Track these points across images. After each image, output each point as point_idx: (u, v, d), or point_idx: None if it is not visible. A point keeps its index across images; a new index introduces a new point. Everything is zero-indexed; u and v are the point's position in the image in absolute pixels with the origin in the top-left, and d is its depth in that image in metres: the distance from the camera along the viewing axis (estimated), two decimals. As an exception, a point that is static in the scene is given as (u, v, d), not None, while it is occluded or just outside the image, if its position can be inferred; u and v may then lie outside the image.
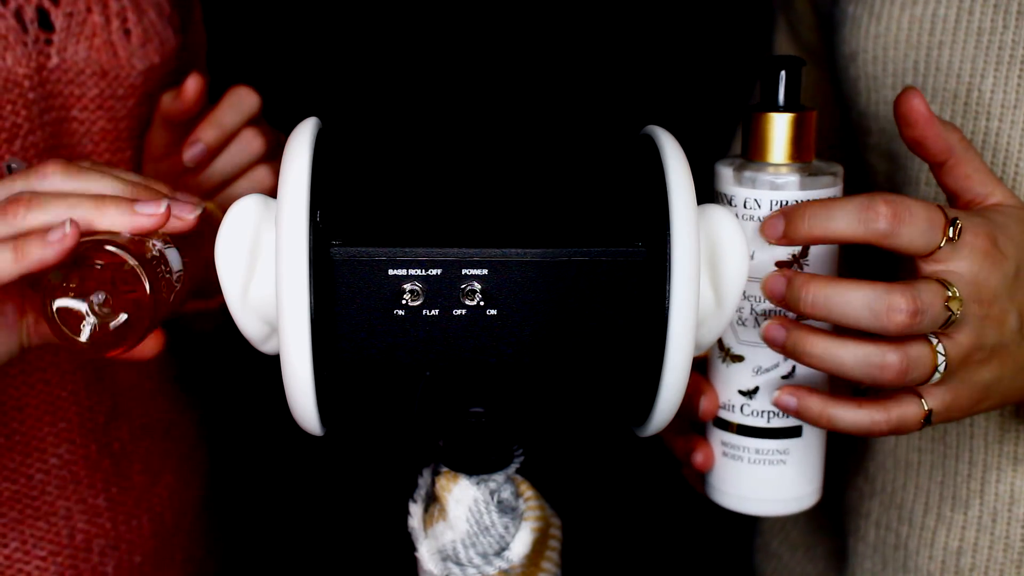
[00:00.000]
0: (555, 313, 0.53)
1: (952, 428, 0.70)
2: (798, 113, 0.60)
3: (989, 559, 0.69)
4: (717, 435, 0.64)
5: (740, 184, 0.60)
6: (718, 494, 0.65)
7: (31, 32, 0.69)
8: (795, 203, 0.58)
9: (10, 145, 0.69)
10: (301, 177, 0.50)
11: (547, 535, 0.57)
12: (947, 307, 0.54)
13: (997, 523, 0.69)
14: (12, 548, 0.74)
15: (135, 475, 0.80)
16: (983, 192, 0.59)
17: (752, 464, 0.63)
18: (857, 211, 0.54)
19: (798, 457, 0.63)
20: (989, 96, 0.65)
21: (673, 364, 0.52)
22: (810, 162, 0.60)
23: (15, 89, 0.69)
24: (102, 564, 0.78)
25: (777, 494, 0.64)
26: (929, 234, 0.54)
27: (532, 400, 0.55)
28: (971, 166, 0.58)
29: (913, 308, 0.53)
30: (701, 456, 0.64)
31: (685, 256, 0.51)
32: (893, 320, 0.53)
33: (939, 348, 0.55)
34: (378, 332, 0.52)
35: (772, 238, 0.57)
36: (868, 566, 0.75)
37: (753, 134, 0.60)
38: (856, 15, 0.70)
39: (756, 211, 0.59)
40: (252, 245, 0.52)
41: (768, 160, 0.60)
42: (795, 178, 0.59)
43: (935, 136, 0.58)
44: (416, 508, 0.57)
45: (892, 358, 0.55)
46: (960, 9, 0.66)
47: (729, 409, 0.63)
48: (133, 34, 0.73)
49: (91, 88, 0.72)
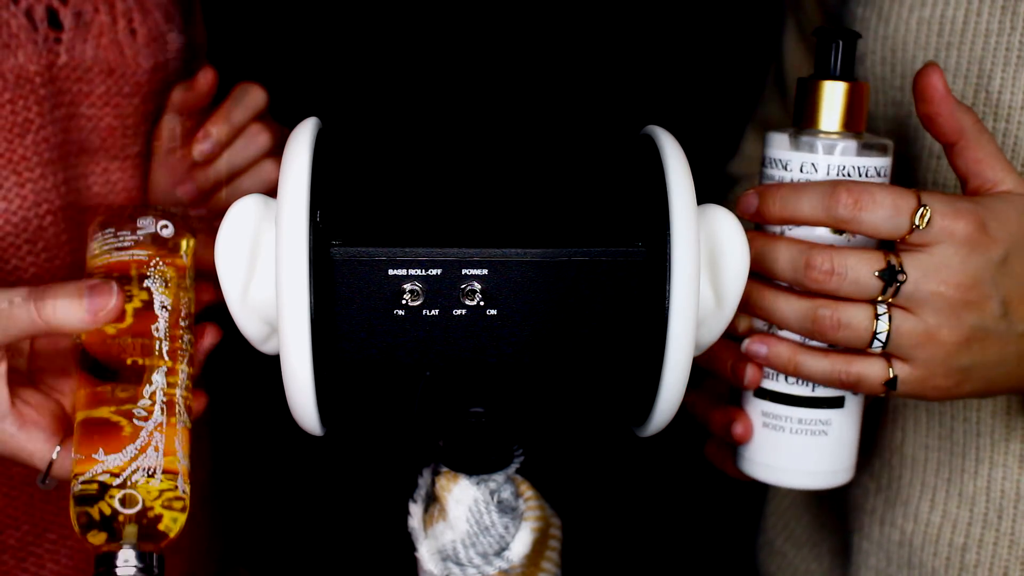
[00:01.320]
0: (555, 313, 0.53)
1: (958, 425, 0.70)
2: (853, 83, 0.60)
3: (994, 556, 0.69)
4: (757, 405, 0.64)
5: (797, 148, 0.61)
6: (753, 466, 0.65)
7: (41, 30, 0.70)
8: (773, 183, 0.61)
9: (22, 139, 0.70)
10: (301, 177, 0.50)
11: (547, 535, 0.57)
12: (881, 276, 0.56)
13: (1003, 520, 0.69)
14: (24, 531, 0.75)
15: None
16: (993, 178, 0.59)
17: (793, 434, 0.63)
18: (821, 197, 0.57)
19: (839, 428, 0.63)
20: (997, 97, 0.65)
21: (673, 364, 0.52)
22: (862, 133, 0.61)
23: (27, 85, 0.70)
24: None
25: (816, 466, 0.63)
26: (893, 220, 0.56)
27: (532, 400, 0.55)
28: (983, 151, 0.59)
29: (829, 267, 0.57)
30: (741, 427, 0.64)
31: (685, 256, 0.51)
32: (809, 275, 0.57)
33: (882, 316, 0.57)
34: (378, 332, 0.52)
35: (746, 213, 0.60)
36: (873, 563, 0.75)
37: (808, 102, 0.61)
38: (864, 17, 0.70)
39: (813, 175, 0.60)
40: (252, 245, 0.52)
41: (821, 128, 0.61)
42: (853, 143, 0.60)
43: (948, 114, 0.58)
44: (416, 508, 0.57)
45: (824, 312, 0.58)
46: (968, 11, 0.66)
47: (773, 377, 0.63)
48: (139, 33, 0.74)
49: (99, 85, 0.73)
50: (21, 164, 0.70)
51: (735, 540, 1.08)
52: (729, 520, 0.82)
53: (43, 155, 0.71)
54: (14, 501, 0.75)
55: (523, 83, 1.41)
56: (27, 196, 0.71)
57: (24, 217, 0.71)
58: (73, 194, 0.74)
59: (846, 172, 0.60)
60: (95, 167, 0.75)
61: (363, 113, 1.38)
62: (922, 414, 0.72)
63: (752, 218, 0.60)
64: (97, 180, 0.75)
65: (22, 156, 0.70)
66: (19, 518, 0.75)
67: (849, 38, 0.61)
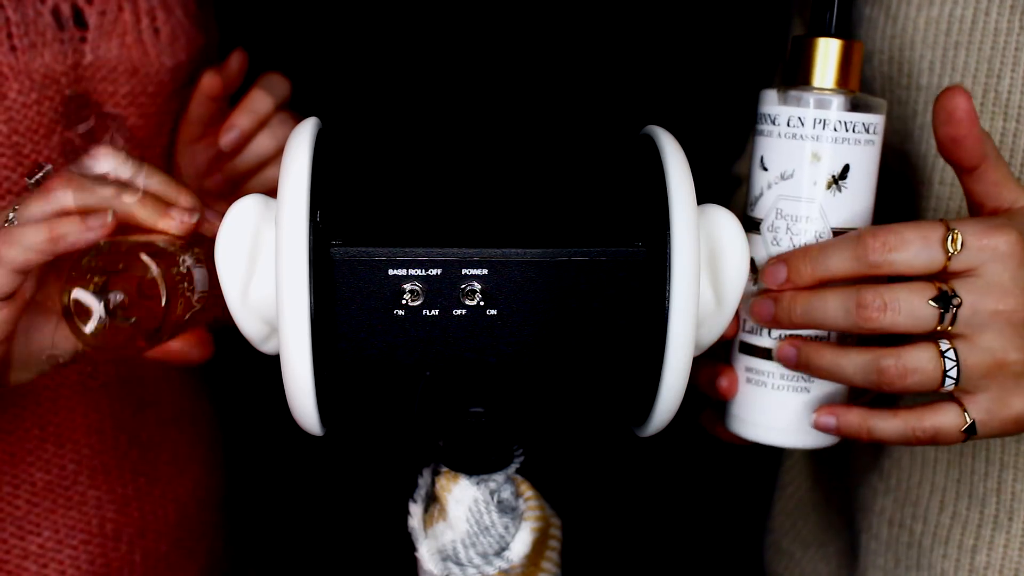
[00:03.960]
0: (555, 313, 0.53)
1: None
2: (846, 40, 0.60)
3: (1005, 557, 0.69)
4: (742, 361, 0.64)
5: (786, 103, 0.60)
6: (739, 423, 0.65)
7: (67, 30, 0.70)
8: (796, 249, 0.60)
9: (48, 139, 0.70)
10: (301, 177, 0.51)
11: (547, 535, 0.57)
12: (936, 302, 0.55)
13: (1014, 521, 0.68)
14: (45, 537, 0.76)
15: (162, 465, 0.81)
16: (1011, 198, 0.58)
17: (776, 390, 0.63)
18: (849, 249, 0.56)
19: (822, 384, 0.62)
20: (1006, 97, 0.65)
21: (673, 364, 0.52)
22: (855, 92, 0.61)
23: (53, 85, 0.70)
24: (130, 553, 0.79)
25: (799, 423, 0.63)
26: (926, 252, 0.55)
27: (532, 400, 0.55)
28: (1000, 173, 0.58)
29: (880, 303, 0.55)
30: (726, 381, 0.64)
31: (685, 256, 0.51)
32: (863, 315, 0.55)
33: (948, 352, 0.55)
34: (378, 332, 0.52)
35: (774, 285, 0.59)
36: (881, 563, 0.74)
37: (800, 59, 0.61)
38: (872, 16, 0.70)
39: (799, 129, 0.60)
40: (252, 245, 0.52)
41: (813, 84, 0.61)
42: (841, 99, 0.60)
43: (975, 138, 0.57)
44: (416, 508, 0.57)
45: (888, 362, 0.56)
46: (977, 10, 0.66)
47: (756, 332, 0.63)
48: (162, 32, 0.74)
49: (123, 85, 0.73)
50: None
51: (741, 540, 1.08)
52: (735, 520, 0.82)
53: (68, 156, 0.71)
54: (36, 508, 0.75)
55: (523, 83, 1.41)
56: None
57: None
58: None
59: (832, 126, 0.60)
60: None
61: (363, 113, 1.38)
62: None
63: (782, 288, 0.59)
64: None
65: (48, 157, 0.70)
66: (41, 524, 0.75)
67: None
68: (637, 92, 1.43)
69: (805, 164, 0.60)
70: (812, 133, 0.60)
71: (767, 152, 0.62)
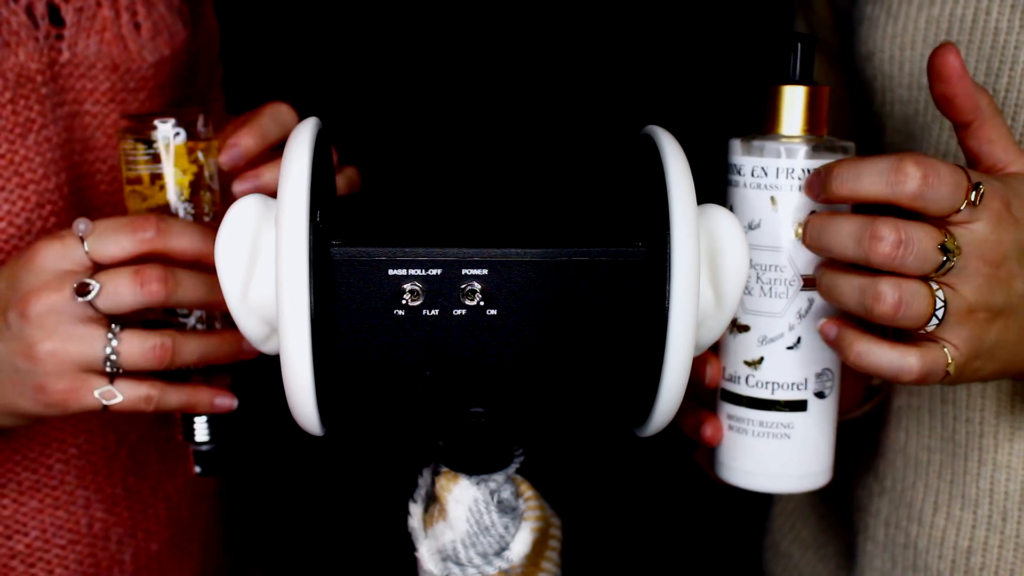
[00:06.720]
0: (555, 313, 0.53)
1: (960, 427, 0.70)
2: (811, 86, 0.60)
3: (999, 558, 0.69)
4: (724, 408, 0.64)
5: (748, 153, 0.60)
6: (725, 470, 0.65)
7: (42, 28, 0.70)
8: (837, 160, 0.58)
9: (24, 139, 0.70)
10: (301, 177, 0.50)
11: (547, 535, 0.57)
12: (941, 250, 0.55)
13: (1007, 522, 0.68)
14: (33, 537, 0.75)
15: (152, 465, 0.81)
16: (1004, 159, 0.58)
17: (756, 437, 0.63)
18: (886, 172, 0.55)
19: (803, 432, 0.63)
20: (1004, 95, 0.65)
21: (673, 364, 0.52)
22: (823, 136, 0.61)
23: (28, 84, 0.69)
24: (120, 552, 0.79)
25: (783, 469, 0.63)
26: (953, 197, 0.55)
27: (532, 400, 0.55)
28: (996, 131, 0.58)
29: (896, 238, 0.54)
30: (710, 429, 0.64)
31: (685, 256, 0.51)
32: (875, 247, 0.55)
33: (938, 292, 0.56)
34: (378, 332, 0.52)
35: (814, 196, 0.58)
36: (878, 565, 0.75)
37: (766, 107, 0.61)
38: (874, 15, 0.70)
39: (763, 179, 0.60)
40: (252, 245, 0.52)
41: (780, 132, 0.61)
42: (804, 147, 0.60)
43: (965, 93, 0.57)
44: (416, 508, 0.57)
45: (886, 288, 0.55)
46: (977, 9, 0.66)
47: (735, 381, 0.63)
48: (143, 27, 0.74)
49: (103, 82, 0.73)
50: (23, 165, 0.70)
51: (741, 542, 1.08)
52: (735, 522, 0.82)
53: (46, 155, 0.71)
54: (22, 507, 0.75)
55: (523, 84, 1.41)
56: (30, 198, 0.70)
57: (28, 219, 0.71)
58: (77, 195, 0.73)
59: (796, 175, 0.60)
60: (100, 166, 0.74)
61: (363, 113, 1.38)
62: (924, 415, 0.71)
63: (816, 199, 0.58)
64: (103, 179, 0.74)
65: (24, 157, 0.70)
66: (27, 524, 0.75)
67: (808, 42, 0.61)
68: (637, 92, 1.43)
69: (768, 213, 0.60)
70: (775, 183, 0.60)
71: (735, 202, 0.62)
